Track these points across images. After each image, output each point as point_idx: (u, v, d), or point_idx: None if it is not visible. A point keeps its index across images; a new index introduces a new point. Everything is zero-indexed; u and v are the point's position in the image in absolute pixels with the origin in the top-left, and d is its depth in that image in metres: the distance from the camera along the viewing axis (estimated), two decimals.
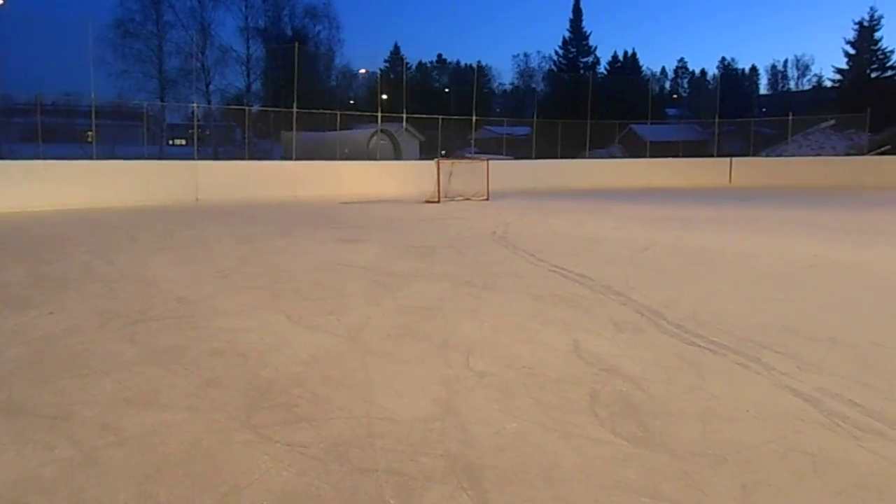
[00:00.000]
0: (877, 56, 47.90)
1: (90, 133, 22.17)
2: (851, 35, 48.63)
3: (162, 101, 37.26)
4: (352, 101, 45.54)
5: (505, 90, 63.23)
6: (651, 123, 35.61)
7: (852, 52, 48.52)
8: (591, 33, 55.01)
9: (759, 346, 4.69)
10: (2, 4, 25.13)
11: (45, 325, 5.32)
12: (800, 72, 64.96)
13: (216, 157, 28.63)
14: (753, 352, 4.55)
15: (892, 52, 47.41)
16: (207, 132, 38.07)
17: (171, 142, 41.22)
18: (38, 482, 2.79)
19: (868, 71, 47.75)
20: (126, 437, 3.21)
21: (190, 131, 33.75)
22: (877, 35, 47.59)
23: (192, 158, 20.94)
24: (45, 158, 17.70)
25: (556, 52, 55.58)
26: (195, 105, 30.15)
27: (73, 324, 5.34)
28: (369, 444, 3.15)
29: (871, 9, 48.51)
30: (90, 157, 18.92)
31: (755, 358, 4.42)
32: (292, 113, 23.26)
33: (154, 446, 3.11)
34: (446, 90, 54.55)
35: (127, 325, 5.32)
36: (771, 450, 3.09)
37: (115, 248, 9.50)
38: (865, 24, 47.71)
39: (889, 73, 47.81)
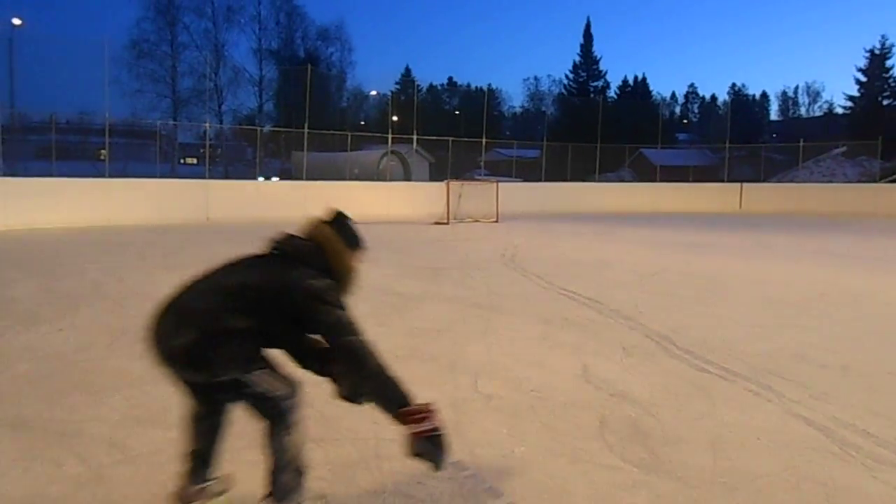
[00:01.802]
0: (888, 83, 47.87)
1: (103, 151, 22.41)
2: (863, 62, 48.72)
3: (175, 120, 37.64)
4: (363, 123, 45.88)
5: (515, 113, 63.56)
6: (661, 148, 35.65)
7: (864, 79, 48.54)
8: (601, 58, 55.36)
9: (770, 373, 4.65)
10: (20, 25, 25.57)
11: (55, 341, 5.34)
12: (811, 98, 64.99)
13: (227, 177, 28.81)
14: (764, 379, 4.52)
15: None
16: (219, 151, 38.39)
17: (182, 160, 41.57)
18: (46, 499, 2.78)
19: (880, 98, 47.71)
20: (134, 455, 3.21)
21: (202, 150, 34.01)
22: (888, 63, 47.60)
23: (204, 177, 21.09)
24: (58, 176, 17.87)
25: (567, 76, 55.91)
26: (207, 124, 30.39)
27: (82, 341, 5.36)
28: (377, 465, 3.14)
29: (883, 37, 48.45)
30: (103, 175, 19.07)
31: (766, 385, 4.38)
32: (303, 133, 23.43)
33: (162, 465, 3.10)
34: (456, 112, 54.86)
35: (136, 342, 5.30)
36: (783, 479, 3.05)
37: (126, 266, 9.55)
38: (877, 51, 47.78)
39: None
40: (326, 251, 2.60)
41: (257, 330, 2.38)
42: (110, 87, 20.92)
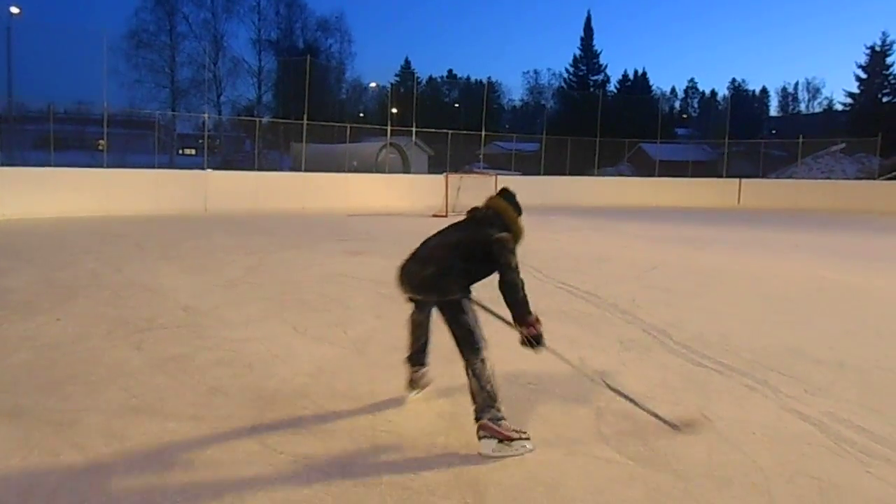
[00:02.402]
0: (888, 81, 47.82)
1: (101, 141, 22.34)
2: (863, 59, 48.67)
3: (173, 110, 37.54)
4: (362, 114, 45.81)
5: (514, 106, 63.39)
6: (660, 142, 35.59)
7: (864, 76, 48.49)
8: (601, 52, 55.27)
9: (766, 368, 4.67)
10: (18, 13, 25.46)
11: (53, 331, 5.35)
12: (811, 94, 64.92)
13: (226, 168, 28.76)
14: (760, 374, 4.53)
15: None
16: (217, 142, 38.35)
17: (181, 151, 41.50)
18: (43, 488, 2.79)
19: (879, 95, 47.67)
20: (131, 445, 3.22)
21: (200, 141, 34.00)
22: (888, 60, 47.57)
23: (202, 168, 21.05)
24: (56, 166, 17.83)
25: (567, 70, 55.79)
26: (206, 115, 30.33)
27: (80, 331, 5.36)
28: (374, 456, 3.15)
29: (884, 34, 48.38)
30: (101, 166, 19.02)
31: (762, 380, 4.40)
32: (302, 125, 23.38)
33: (158, 455, 3.12)
34: (456, 105, 54.76)
35: (134, 332, 5.33)
36: (777, 473, 3.07)
37: (124, 257, 9.55)
38: (877, 48, 47.73)
39: None
40: (504, 216, 3.87)
41: (468, 268, 3.72)
42: (109, 77, 20.82)
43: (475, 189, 19.88)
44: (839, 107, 54.05)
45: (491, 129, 30.49)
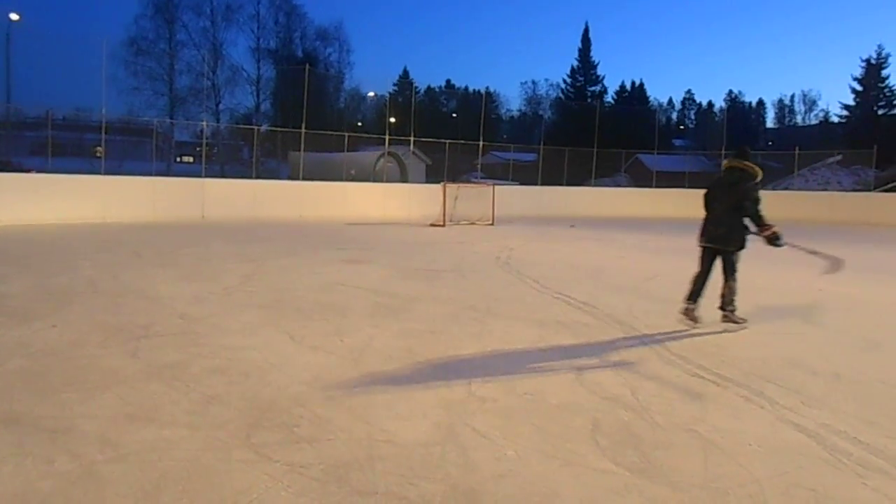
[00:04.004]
0: (884, 93, 48.15)
1: (99, 148, 22.33)
2: (859, 72, 49.03)
3: (171, 118, 37.58)
4: (360, 123, 45.88)
5: (512, 116, 63.64)
6: (657, 153, 35.68)
7: (859, 88, 48.82)
8: (599, 63, 55.60)
9: (762, 379, 4.67)
10: (18, 20, 25.51)
11: (49, 337, 5.33)
12: (807, 107, 65.35)
13: (223, 175, 28.76)
14: (757, 385, 4.53)
15: None
16: (215, 150, 38.40)
17: (178, 159, 41.51)
18: (37, 495, 2.78)
19: (875, 108, 47.96)
20: (126, 453, 3.20)
21: (198, 149, 34.03)
22: (884, 73, 47.96)
23: (200, 176, 21.06)
24: (53, 172, 17.82)
25: (564, 81, 56.12)
26: (204, 123, 30.42)
27: (76, 337, 5.35)
28: (369, 466, 3.14)
29: (879, 46, 48.76)
30: (98, 172, 19.02)
31: (758, 391, 4.40)
32: (300, 133, 23.42)
33: (153, 462, 3.10)
34: (454, 115, 54.90)
35: (130, 340, 5.32)
36: (773, 485, 3.06)
37: (120, 264, 9.53)
38: (873, 61, 48.09)
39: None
40: (746, 170, 6.12)
41: (744, 224, 5.96)
42: (107, 84, 20.86)
43: (473, 199, 19.97)
44: (835, 119, 54.48)
45: (489, 139, 30.58)
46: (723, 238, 6.11)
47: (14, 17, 25.80)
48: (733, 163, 6.25)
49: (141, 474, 2.98)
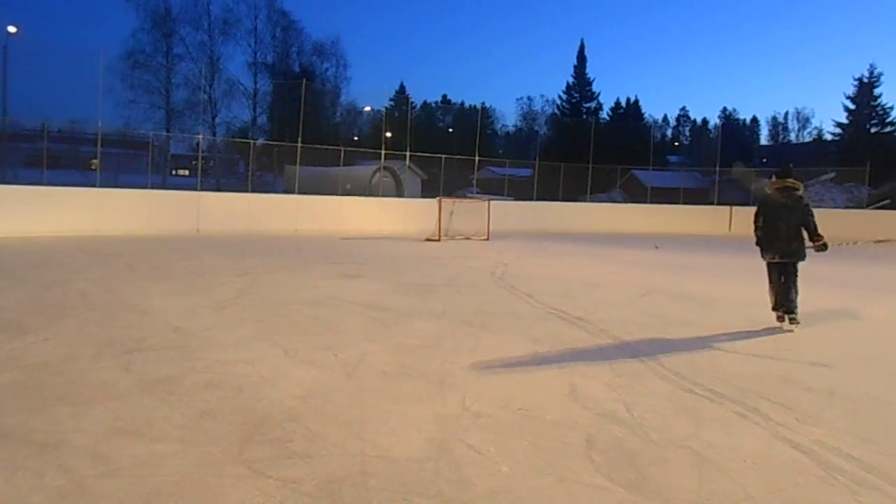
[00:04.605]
0: (876, 112, 48.50)
1: (95, 161, 22.34)
2: (851, 90, 49.35)
3: (168, 131, 37.59)
4: (356, 138, 46.00)
5: (508, 132, 63.87)
6: (652, 169, 35.89)
7: (852, 107, 49.16)
8: (594, 79, 55.90)
9: (756, 395, 4.67)
10: (15, 32, 25.58)
11: (41, 351, 5.30)
12: (800, 124, 65.82)
13: (219, 189, 28.75)
14: (751, 401, 4.53)
15: (891, 108, 48.05)
16: (211, 163, 38.38)
17: (174, 172, 41.50)
18: None
19: (868, 126, 48.31)
20: (117, 468, 3.18)
21: (194, 162, 34.02)
22: (876, 91, 48.29)
23: (195, 189, 21.04)
24: (48, 184, 17.79)
25: (560, 97, 56.35)
26: (200, 136, 30.42)
27: (68, 351, 5.32)
28: (362, 482, 3.12)
29: (871, 65, 49.40)
30: (94, 185, 18.99)
31: (753, 407, 4.40)
32: (297, 147, 23.45)
33: (144, 478, 3.08)
34: (450, 130, 55.11)
35: (122, 353, 5.29)
36: (767, 502, 3.06)
37: (114, 277, 9.50)
38: (865, 80, 48.43)
39: (888, 128, 48.39)
40: (796, 190, 7.05)
41: (804, 237, 6.95)
42: (104, 96, 20.95)
43: (468, 214, 19.99)
44: (828, 136, 54.78)
45: (484, 154, 30.64)
46: (794, 252, 7.01)
47: (12, 29, 25.86)
48: (786, 182, 7.12)
49: (132, 489, 2.96)
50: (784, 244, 6.97)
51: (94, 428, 3.68)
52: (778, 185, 7.14)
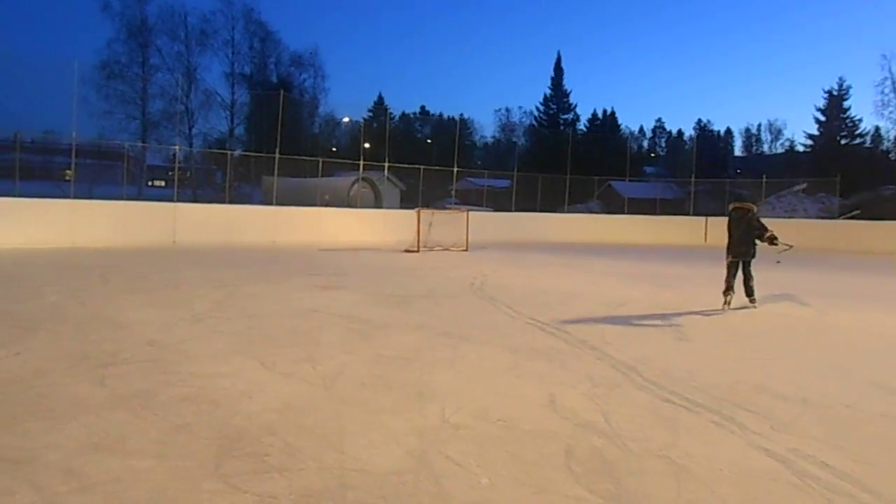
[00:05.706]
0: (846, 124, 49.48)
1: (69, 172, 22.03)
2: (822, 103, 50.33)
3: (143, 142, 37.21)
4: (334, 149, 45.82)
5: (486, 143, 64.04)
6: (629, 180, 36.22)
7: (823, 119, 50.11)
8: (571, 91, 56.41)
9: (732, 405, 4.72)
10: None
11: (12, 366, 5.21)
12: (773, 136, 66.74)
13: (196, 200, 28.49)
14: (727, 410, 4.58)
15: (860, 120, 49.21)
16: (188, 174, 38.04)
17: (150, 183, 41.04)
18: None
19: (838, 137, 49.24)
20: (90, 484, 3.13)
21: (170, 173, 33.72)
22: (846, 104, 49.30)
23: (172, 200, 20.82)
24: (21, 196, 17.51)
25: (538, 108, 56.72)
26: (177, 147, 30.15)
27: (40, 365, 5.23)
28: (341, 495, 3.10)
29: (841, 79, 50.36)
30: (67, 196, 18.74)
31: (729, 417, 4.44)
32: (274, 158, 23.34)
33: (119, 494, 3.03)
34: (428, 141, 55.17)
35: (96, 367, 5.22)
36: None
37: (88, 289, 9.37)
38: (835, 93, 49.44)
39: (858, 140, 49.48)
40: (749, 210, 9.67)
41: (754, 241, 9.58)
42: (78, 107, 20.66)
43: (447, 224, 20.01)
44: (800, 148, 55.68)
45: (463, 165, 30.75)
46: (745, 253, 9.54)
47: None
48: (739, 205, 9.85)
49: None
50: (737, 248, 9.55)
51: (68, 443, 3.62)
52: (735, 207, 9.84)
